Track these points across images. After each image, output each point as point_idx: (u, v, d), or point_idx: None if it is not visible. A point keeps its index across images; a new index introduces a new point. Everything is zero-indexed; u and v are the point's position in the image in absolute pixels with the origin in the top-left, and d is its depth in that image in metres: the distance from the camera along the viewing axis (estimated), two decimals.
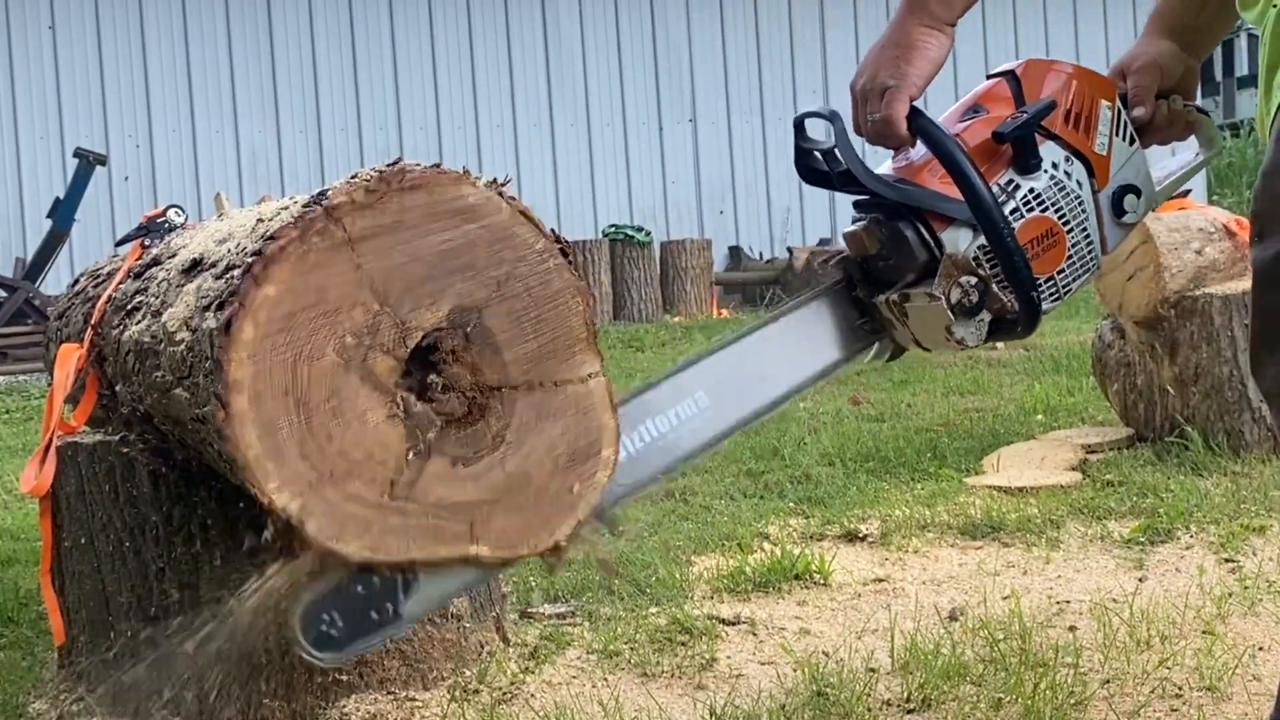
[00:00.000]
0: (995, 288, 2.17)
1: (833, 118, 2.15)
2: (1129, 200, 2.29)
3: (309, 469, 1.95)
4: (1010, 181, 2.18)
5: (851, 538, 4.14)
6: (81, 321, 3.31)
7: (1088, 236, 2.25)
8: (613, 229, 13.05)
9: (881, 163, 2.25)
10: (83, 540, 3.02)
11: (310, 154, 13.65)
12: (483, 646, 3.11)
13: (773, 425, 5.98)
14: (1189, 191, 5.98)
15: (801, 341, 2.25)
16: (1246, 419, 4.79)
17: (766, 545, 4.04)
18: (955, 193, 2.15)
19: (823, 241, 14.71)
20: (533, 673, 3.10)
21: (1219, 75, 28.32)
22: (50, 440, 3.05)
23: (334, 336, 1.98)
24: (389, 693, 2.93)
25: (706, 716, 2.81)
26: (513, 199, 2.11)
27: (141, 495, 2.89)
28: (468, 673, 3.03)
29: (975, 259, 2.16)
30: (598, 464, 2.10)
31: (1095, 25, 16.16)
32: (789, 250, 13.79)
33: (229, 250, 2.29)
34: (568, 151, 14.43)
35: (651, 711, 2.85)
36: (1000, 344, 8.44)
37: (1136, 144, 2.30)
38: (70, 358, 3.02)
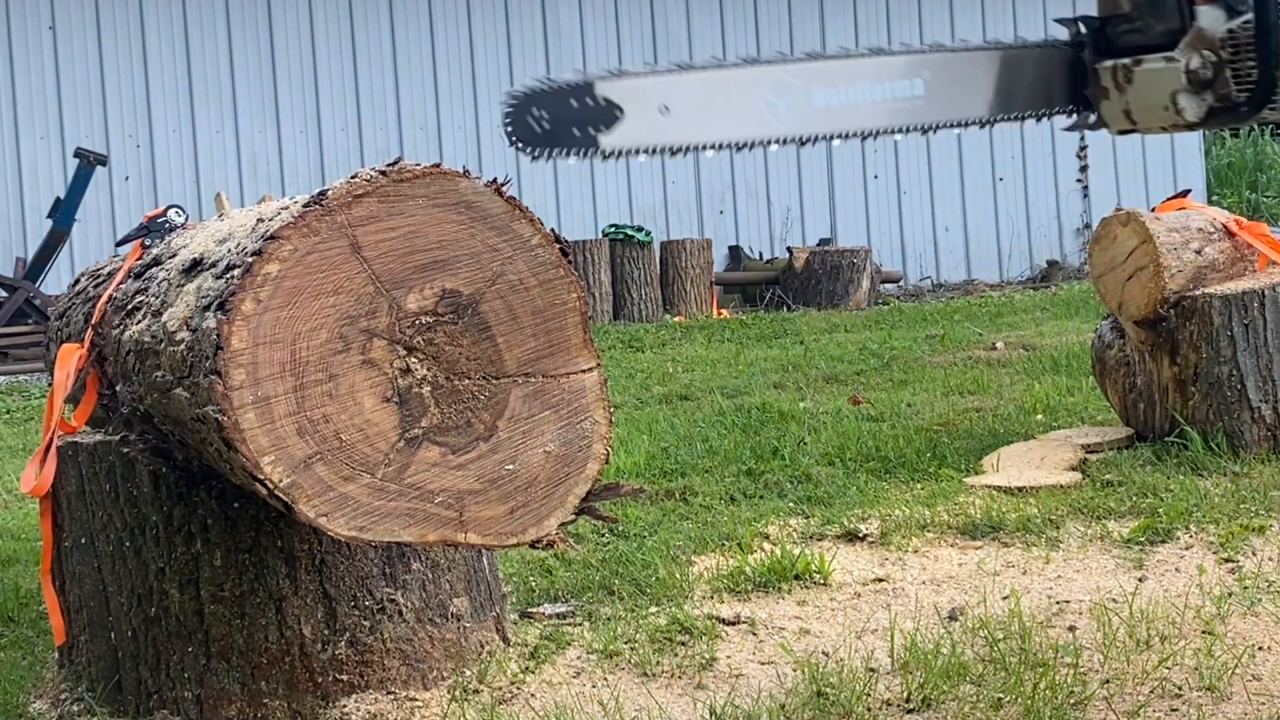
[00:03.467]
0: (1229, 74, 2.24)
1: None
2: None
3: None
4: None
5: (851, 538, 4.13)
6: (82, 321, 3.31)
7: None
8: (613, 229, 13.03)
9: None
10: (83, 540, 3.02)
11: (310, 154, 13.65)
12: (483, 646, 3.11)
13: (773, 425, 5.98)
14: (1189, 191, 5.97)
15: (1020, 79, 2.33)
16: (1246, 419, 4.79)
17: (766, 545, 4.04)
18: None
19: (823, 241, 14.70)
20: (533, 673, 3.10)
21: None
22: (50, 440, 3.05)
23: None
24: (389, 693, 2.93)
25: (706, 716, 2.80)
26: (511, 197, 2.12)
27: (141, 495, 2.89)
28: (468, 673, 3.03)
29: (1222, 39, 2.24)
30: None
31: None
32: (789, 250, 13.77)
33: (229, 250, 2.29)
34: None
35: (651, 711, 2.85)
36: (1000, 344, 8.43)
37: None
38: (70, 358, 3.02)
